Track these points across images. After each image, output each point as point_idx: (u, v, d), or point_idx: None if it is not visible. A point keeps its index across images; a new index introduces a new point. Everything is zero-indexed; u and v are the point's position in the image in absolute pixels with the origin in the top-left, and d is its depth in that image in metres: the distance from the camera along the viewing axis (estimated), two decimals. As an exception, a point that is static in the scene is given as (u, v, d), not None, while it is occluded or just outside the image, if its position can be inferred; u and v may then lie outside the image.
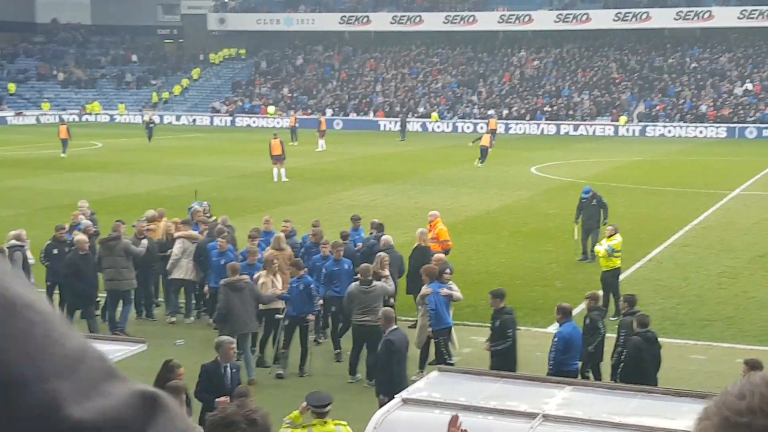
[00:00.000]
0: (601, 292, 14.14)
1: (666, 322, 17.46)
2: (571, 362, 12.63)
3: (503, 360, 12.87)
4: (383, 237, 17.08)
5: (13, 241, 16.72)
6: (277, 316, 14.93)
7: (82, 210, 19.97)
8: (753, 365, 10.78)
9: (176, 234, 17.70)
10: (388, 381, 11.67)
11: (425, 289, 14.40)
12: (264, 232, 17.95)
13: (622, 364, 12.49)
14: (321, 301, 15.47)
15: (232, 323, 14.02)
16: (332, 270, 15.79)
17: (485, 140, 41.49)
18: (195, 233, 17.86)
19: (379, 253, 15.77)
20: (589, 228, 21.81)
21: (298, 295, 14.81)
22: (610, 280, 17.84)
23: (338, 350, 15.38)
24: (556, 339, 12.63)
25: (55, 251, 16.98)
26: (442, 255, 15.96)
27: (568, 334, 12.60)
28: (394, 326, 12.45)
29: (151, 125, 54.45)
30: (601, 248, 17.97)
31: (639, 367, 12.12)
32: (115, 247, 16.74)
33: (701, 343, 16.26)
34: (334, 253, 15.92)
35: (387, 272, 14.88)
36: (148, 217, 18.90)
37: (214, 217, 19.60)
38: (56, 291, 17.06)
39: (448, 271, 14.69)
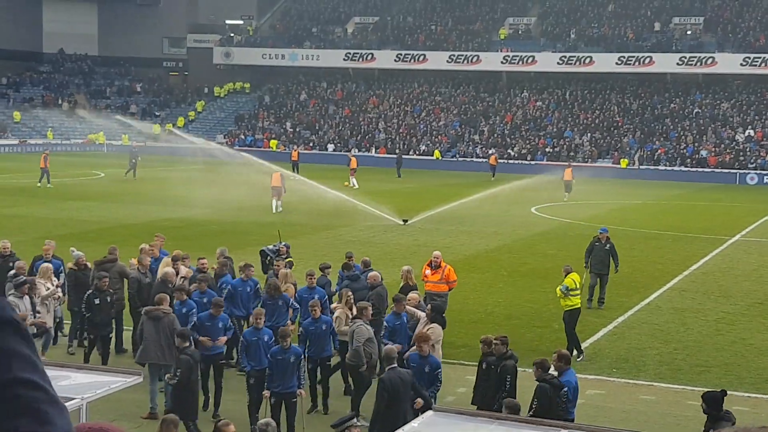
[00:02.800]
0: (492, 337, 13.46)
1: (663, 367, 17.40)
2: (572, 410, 12.40)
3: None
4: (371, 273, 17.06)
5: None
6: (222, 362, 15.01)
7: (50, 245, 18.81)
8: (707, 399, 10.83)
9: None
10: (381, 420, 11.58)
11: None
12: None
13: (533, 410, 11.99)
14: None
15: (144, 352, 14.39)
16: (303, 297, 16.30)
17: (567, 174, 46.41)
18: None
19: (343, 289, 16.31)
20: (599, 273, 21.52)
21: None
22: (569, 320, 17.74)
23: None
24: (565, 389, 12.08)
25: (97, 301, 16.10)
26: (414, 295, 15.86)
27: (576, 383, 12.41)
28: (393, 365, 12.40)
29: (134, 160, 51.96)
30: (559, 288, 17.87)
31: (549, 415, 11.75)
32: (110, 269, 17.06)
33: (698, 389, 16.14)
34: (308, 281, 16.57)
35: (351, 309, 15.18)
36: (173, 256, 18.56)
37: (289, 259, 19.16)
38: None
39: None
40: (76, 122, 78.96)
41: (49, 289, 16.05)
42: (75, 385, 8.55)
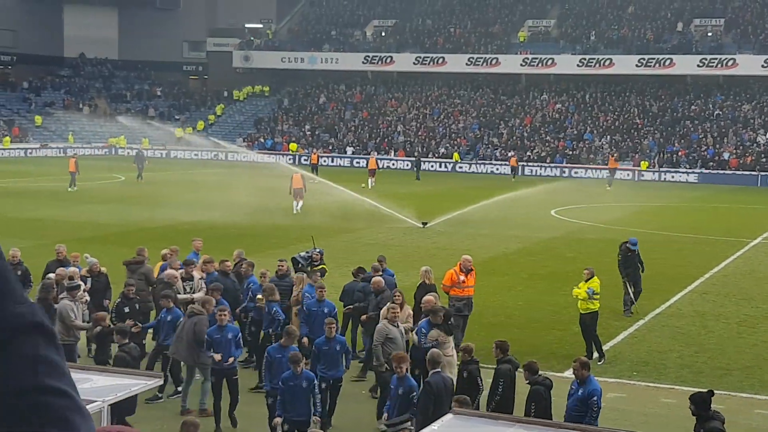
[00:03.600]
0: (473, 345, 13.43)
1: (684, 370, 17.31)
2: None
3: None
4: (374, 279, 17.04)
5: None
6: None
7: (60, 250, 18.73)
8: (695, 400, 10.90)
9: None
10: (423, 423, 11.47)
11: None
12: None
13: (533, 414, 11.99)
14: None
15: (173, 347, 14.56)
16: (312, 310, 15.80)
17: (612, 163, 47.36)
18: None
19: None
20: (634, 279, 21.42)
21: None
22: (590, 322, 17.68)
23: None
24: (595, 398, 11.89)
25: (127, 309, 15.88)
26: (431, 297, 15.78)
27: (601, 390, 12.30)
28: (437, 369, 12.37)
29: (141, 164, 52.39)
30: (580, 291, 17.76)
31: (546, 415, 11.83)
32: (137, 270, 17.23)
33: (719, 392, 16.02)
34: (318, 294, 15.89)
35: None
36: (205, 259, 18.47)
37: (322, 266, 18.72)
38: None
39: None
40: (96, 126, 79.45)
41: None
42: (96, 387, 8.60)
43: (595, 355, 17.44)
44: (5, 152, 70.21)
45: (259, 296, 16.17)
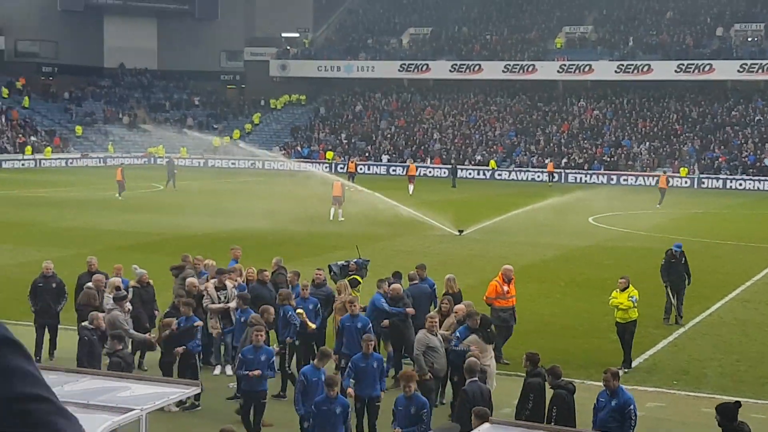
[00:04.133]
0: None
1: (725, 379, 17.10)
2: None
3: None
4: (393, 285, 16.92)
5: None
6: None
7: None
8: (721, 411, 10.80)
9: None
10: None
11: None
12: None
13: (554, 418, 12.01)
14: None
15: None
16: (345, 325, 15.40)
17: (662, 182, 47.75)
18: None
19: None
20: (678, 288, 21.05)
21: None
22: (632, 330, 17.49)
23: None
24: (631, 407, 11.79)
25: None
26: (462, 306, 15.62)
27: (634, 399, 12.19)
28: (474, 378, 12.33)
29: (173, 172, 52.89)
30: (622, 299, 17.53)
31: (571, 420, 11.76)
32: (178, 276, 17.54)
33: (761, 402, 15.84)
34: (349, 308, 15.47)
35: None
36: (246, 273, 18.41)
37: (353, 276, 18.52)
38: None
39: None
40: (136, 136, 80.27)
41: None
42: (134, 396, 8.67)
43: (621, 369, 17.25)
44: (47, 162, 71.14)
45: (300, 310, 15.95)
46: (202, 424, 14.19)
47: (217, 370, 16.92)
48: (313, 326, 16.04)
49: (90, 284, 16.81)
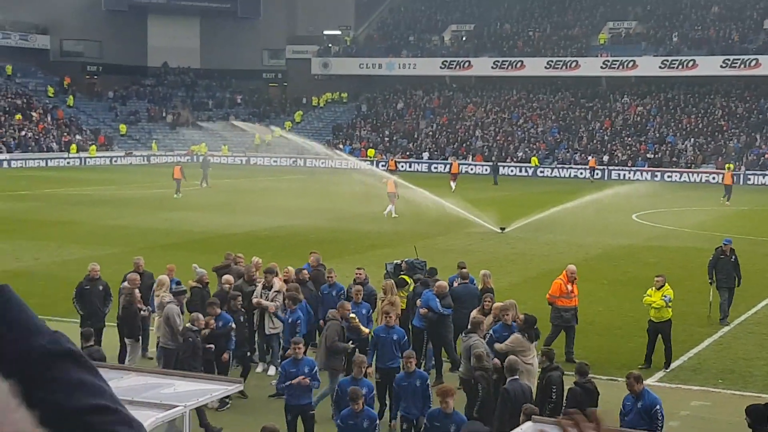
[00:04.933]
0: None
1: (772, 378, 16.86)
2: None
3: None
4: (439, 282, 16.84)
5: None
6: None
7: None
8: (750, 412, 10.70)
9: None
10: (499, 430, 11.41)
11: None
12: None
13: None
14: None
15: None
16: (380, 336, 14.83)
17: (727, 179, 48.32)
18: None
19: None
20: (727, 287, 20.50)
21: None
22: (668, 330, 17.28)
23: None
24: (657, 407, 11.68)
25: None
26: (498, 304, 15.47)
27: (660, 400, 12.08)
28: (515, 376, 12.28)
29: (206, 169, 53.10)
30: (656, 298, 17.32)
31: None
32: (223, 275, 17.54)
33: (809, 401, 15.58)
34: (385, 320, 14.89)
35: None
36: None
37: (401, 276, 18.18)
38: None
39: None
40: (179, 134, 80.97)
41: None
42: (178, 393, 8.74)
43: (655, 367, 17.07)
44: (91, 161, 72.05)
45: (352, 315, 15.55)
46: (244, 421, 14.27)
47: (260, 368, 16.97)
48: (367, 331, 15.67)
49: (126, 284, 16.86)
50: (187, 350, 14.27)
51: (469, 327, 14.74)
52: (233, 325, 15.21)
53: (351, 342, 15.04)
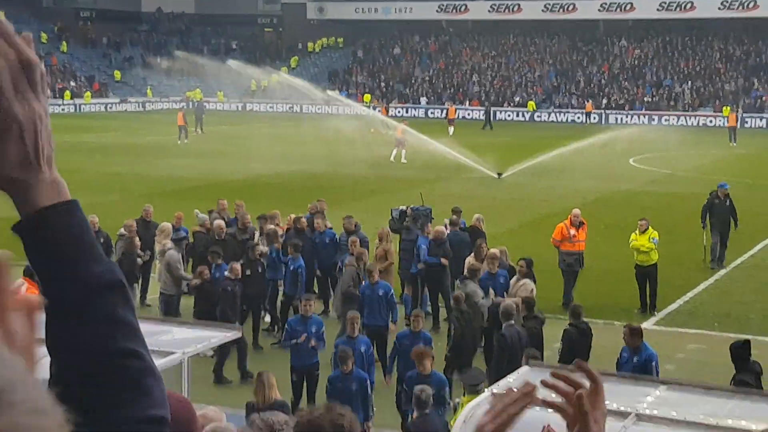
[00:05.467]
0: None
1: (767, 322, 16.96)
2: None
3: None
4: (437, 228, 16.95)
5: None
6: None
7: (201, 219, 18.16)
8: (731, 350, 11.08)
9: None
10: (496, 375, 11.42)
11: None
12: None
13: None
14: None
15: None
16: (365, 294, 14.50)
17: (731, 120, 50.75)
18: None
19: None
20: (720, 232, 20.28)
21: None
22: (655, 273, 17.29)
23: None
24: (654, 363, 11.66)
25: (248, 272, 15.17)
26: (495, 251, 15.44)
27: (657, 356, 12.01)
28: (511, 321, 12.29)
29: (201, 116, 52.98)
30: (643, 241, 17.29)
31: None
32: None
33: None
34: (369, 277, 14.43)
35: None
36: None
37: (405, 223, 18.08)
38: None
39: None
40: (174, 80, 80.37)
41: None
42: (176, 339, 8.75)
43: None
44: (86, 107, 71.60)
45: (348, 260, 15.40)
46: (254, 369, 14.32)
47: (268, 318, 16.89)
48: None
49: (122, 231, 16.85)
50: (227, 300, 14.15)
51: (465, 273, 14.78)
52: (229, 281, 14.94)
53: None
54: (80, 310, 1.45)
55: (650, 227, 17.39)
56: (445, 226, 17.46)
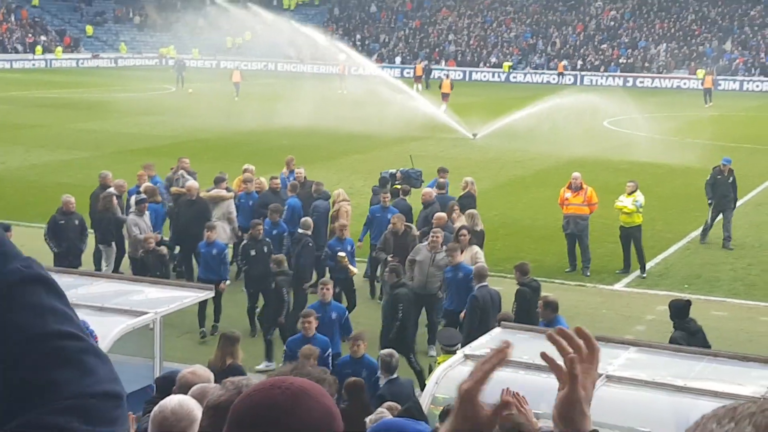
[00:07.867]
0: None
1: (737, 283, 17.17)
2: None
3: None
4: (425, 190, 16.87)
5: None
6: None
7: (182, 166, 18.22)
8: (669, 307, 11.37)
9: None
10: (467, 336, 11.47)
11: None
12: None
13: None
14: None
15: None
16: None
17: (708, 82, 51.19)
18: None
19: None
20: (723, 207, 19.65)
21: None
22: (638, 234, 17.37)
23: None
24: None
25: (253, 252, 14.25)
26: (443, 214, 15.10)
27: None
28: (484, 283, 12.37)
29: (181, 73, 53.40)
30: (626, 203, 17.38)
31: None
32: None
33: (772, 305, 15.91)
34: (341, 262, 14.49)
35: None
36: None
37: (397, 185, 17.82)
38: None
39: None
40: (147, 36, 79.38)
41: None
42: (148, 299, 8.73)
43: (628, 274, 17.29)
44: (57, 62, 70.67)
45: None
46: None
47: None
48: (355, 271, 14.88)
49: (112, 189, 16.55)
50: (257, 267, 14.03)
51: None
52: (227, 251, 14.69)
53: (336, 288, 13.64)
54: (5, 304, 1.52)
55: (638, 190, 17.45)
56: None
